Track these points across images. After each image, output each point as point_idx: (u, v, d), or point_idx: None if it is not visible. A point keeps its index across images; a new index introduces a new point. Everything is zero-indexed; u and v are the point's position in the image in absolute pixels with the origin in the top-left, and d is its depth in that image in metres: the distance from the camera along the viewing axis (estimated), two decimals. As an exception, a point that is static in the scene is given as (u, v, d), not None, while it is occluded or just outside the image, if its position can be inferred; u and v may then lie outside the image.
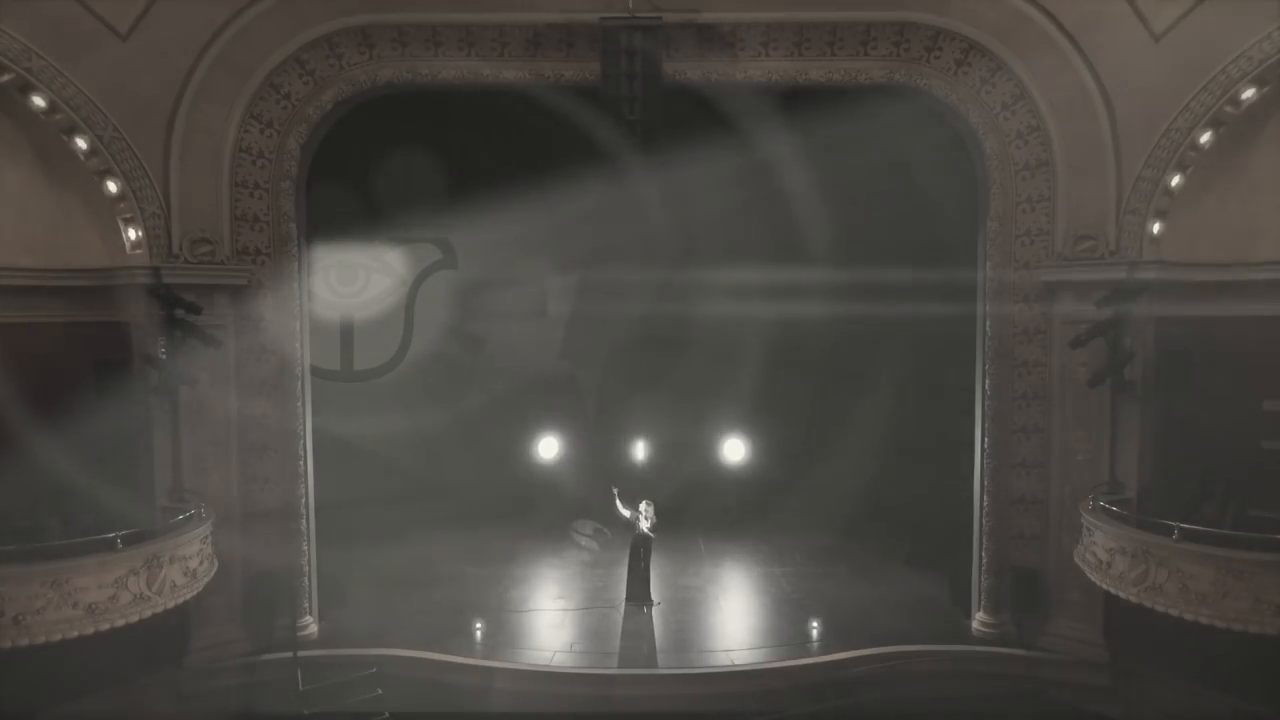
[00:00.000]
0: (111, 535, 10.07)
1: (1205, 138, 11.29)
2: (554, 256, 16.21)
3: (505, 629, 13.24)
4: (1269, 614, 9.45)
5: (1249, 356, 11.55)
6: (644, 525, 13.91)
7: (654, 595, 14.00)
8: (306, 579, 12.86)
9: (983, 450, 12.85)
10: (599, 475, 18.51)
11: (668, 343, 18.23)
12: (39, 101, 10.85)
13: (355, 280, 14.42)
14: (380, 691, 11.77)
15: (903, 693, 11.86)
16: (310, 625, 12.87)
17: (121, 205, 11.60)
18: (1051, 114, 11.88)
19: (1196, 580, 9.84)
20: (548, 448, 18.97)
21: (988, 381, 12.71)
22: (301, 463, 12.79)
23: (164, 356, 11.46)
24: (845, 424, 17.18)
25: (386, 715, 11.55)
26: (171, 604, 10.58)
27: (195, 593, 11.00)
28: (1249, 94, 10.98)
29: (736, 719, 11.40)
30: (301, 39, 11.92)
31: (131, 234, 11.74)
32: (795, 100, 12.47)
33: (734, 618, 13.88)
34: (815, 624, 13.32)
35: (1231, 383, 11.57)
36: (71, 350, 11.46)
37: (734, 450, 18.82)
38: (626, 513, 14.03)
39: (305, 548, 12.86)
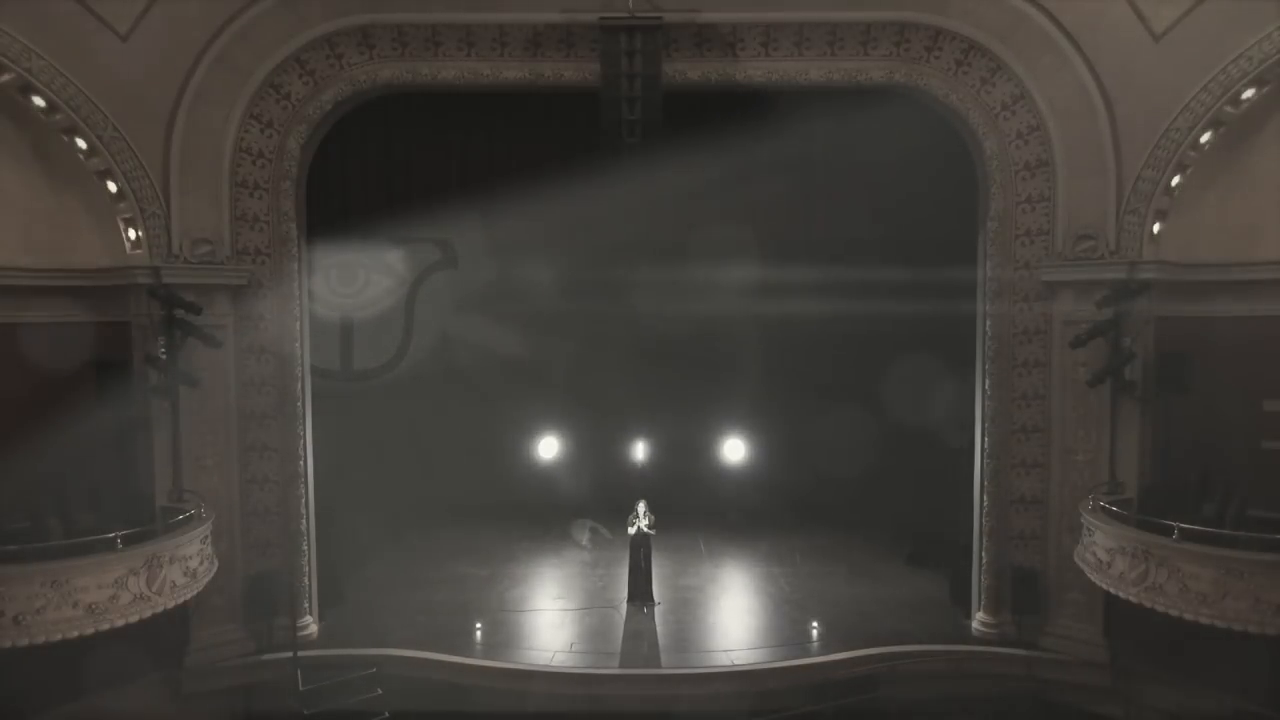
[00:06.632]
0: (111, 535, 10.08)
1: (1205, 137, 11.30)
2: (554, 256, 16.18)
3: (505, 629, 13.24)
4: (1269, 614, 9.45)
5: (1249, 356, 11.55)
6: (642, 524, 13.92)
7: (655, 595, 14.01)
8: (306, 579, 12.86)
9: (983, 450, 12.86)
10: (599, 475, 18.55)
11: (668, 343, 18.23)
12: (39, 101, 10.85)
13: (355, 280, 14.39)
14: (380, 691, 11.79)
15: (903, 693, 11.87)
16: (310, 625, 12.87)
17: (121, 205, 11.61)
18: (1051, 114, 11.89)
19: (1196, 580, 9.84)
20: (547, 448, 19.00)
21: (988, 381, 12.72)
22: (301, 463, 12.80)
23: (164, 356, 11.45)
24: (845, 424, 17.16)
25: (386, 715, 11.56)
26: (171, 604, 10.58)
27: (195, 593, 11.01)
28: (1249, 94, 10.99)
29: (736, 719, 11.41)
30: (301, 39, 11.93)
31: (131, 234, 11.74)
32: (795, 100, 12.46)
33: (734, 618, 13.88)
34: (815, 624, 13.31)
35: (1231, 383, 11.57)
36: (71, 350, 11.45)
37: (734, 450, 18.83)
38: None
39: (305, 548, 12.86)
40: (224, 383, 12.20)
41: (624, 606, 13.84)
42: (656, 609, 13.77)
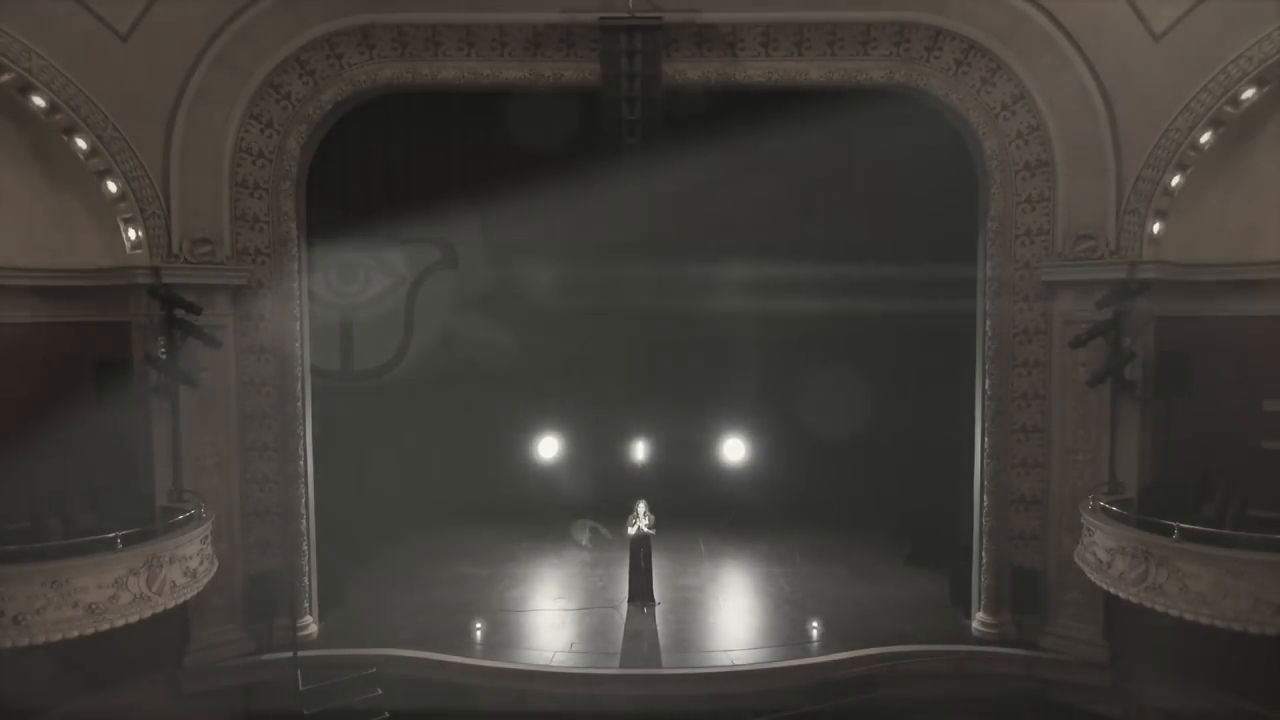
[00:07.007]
0: (111, 535, 10.06)
1: (1205, 138, 11.30)
2: (554, 256, 16.19)
3: (505, 629, 13.24)
4: (1269, 614, 9.44)
5: (1249, 356, 11.56)
6: (642, 524, 13.92)
7: (655, 595, 14.01)
8: (306, 579, 12.86)
9: (983, 450, 12.86)
10: (599, 475, 18.54)
11: (668, 342, 18.23)
12: (39, 101, 10.85)
13: (355, 280, 14.40)
14: (380, 691, 11.79)
15: (903, 693, 11.87)
16: (310, 625, 12.87)
17: (121, 205, 11.61)
18: (1051, 114, 11.89)
19: (1196, 580, 9.83)
20: (547, 448, 18.99)
21: (988, 381, 12.71)
22: (301, 463, 12.80)
23: (164, 356, 11.45)
24: (845, 424, 17.16)
25: (386, 715, 11.57)
26: (171, 604, 10.57)
27: (195, 593, 11.00)
28: (1249, 94, 10.98)
29: (736, 719, 11.40)
30: (301, 39, 11.93)
31: (131, 234, 11.74)
32: (795, 100, 12.46)
33: (734, 618, 13.88)
34: (815, 624, 13.31)
35: (1231, 383, 11.57)
36: (72, 350, 11.45)
37: (734, 450, 18.83)
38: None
39: (305, 548, 12.86)
40: (224, 383, 12.20)
41: (624, 606, 13.84)
42: (657, 609, 13.77)
